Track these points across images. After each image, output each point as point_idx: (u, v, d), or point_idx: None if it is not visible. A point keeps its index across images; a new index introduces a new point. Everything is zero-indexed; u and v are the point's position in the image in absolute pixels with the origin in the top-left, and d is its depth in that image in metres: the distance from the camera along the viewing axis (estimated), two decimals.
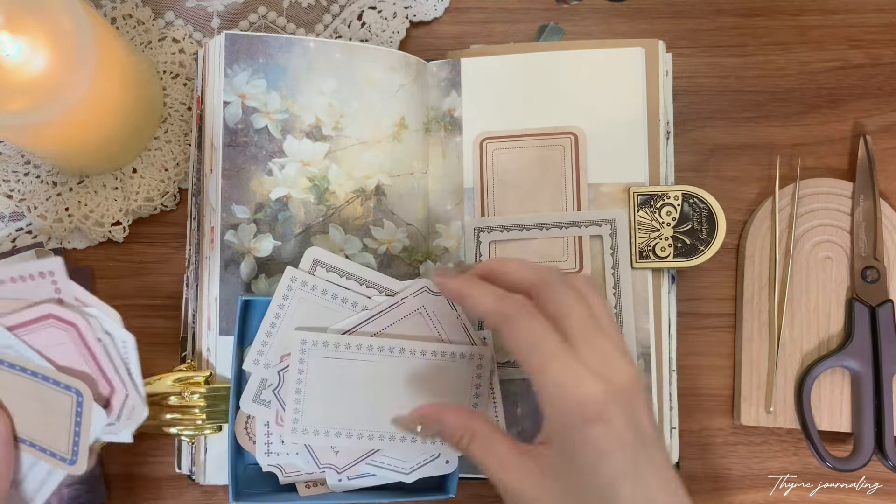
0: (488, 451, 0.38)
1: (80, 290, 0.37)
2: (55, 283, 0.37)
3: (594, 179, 0.50)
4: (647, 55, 0.50)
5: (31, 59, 0.42)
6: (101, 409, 0.38)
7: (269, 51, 0.49)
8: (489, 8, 0.56)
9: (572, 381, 0.34)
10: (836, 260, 0.53)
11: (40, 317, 0.37)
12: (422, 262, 0.50)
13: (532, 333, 0.36)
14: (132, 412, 0.39)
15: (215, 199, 0.48)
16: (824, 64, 0.55)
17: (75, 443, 0.38)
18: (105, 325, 0.38)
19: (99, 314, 0.38)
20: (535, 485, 0.36)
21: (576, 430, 0.34)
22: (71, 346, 0.37)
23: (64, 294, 0.37)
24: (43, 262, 0.36)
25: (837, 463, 0.50)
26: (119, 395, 0.38)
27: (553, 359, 0.35)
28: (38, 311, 0.37)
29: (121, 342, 0.38)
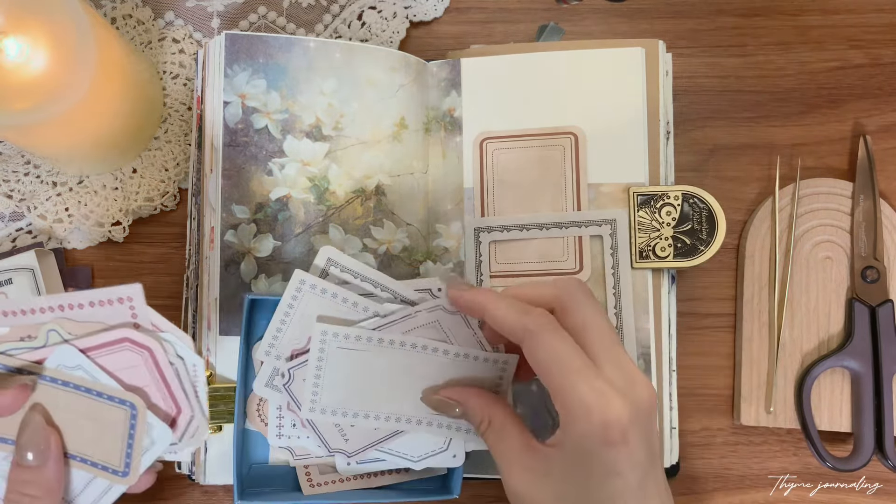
0: (499, 442, 0.39)
1: (156, 316, 0.39)
2: (133, 309, 0.38)
3: (594, 179, 0.50)
4: (647, 55, 0.50)
5: (31, 59, 0.42)
6: (168, 428, 0.40)
7: (269, 51, 0.49)
8: (489, 8, 0.56)
9: (598, 402, 0.34)
10: (836, 260, 0.53)
11: (117, 340, 0.38)
12: (422, 262, 0.50)
13: (555, 350, 0.36)
14: (195, 432, 0.40)
15: (215, 199, 0.48)
16: (824, 64, 0.55)
17: (128, 455, 0.39)
18: (178, 349, 0.39)
19: (173, 339, 0.39)
20: (536, 485, 0.37)
21: (595, 448, 0.35)
22: (143, 368, 0.39)
23: (140, 319, 0.38)
24: (123, 288, 0.37)
25: (837, 463, 0.50)
26: (185, 415, 0.40)
27: (578, 377, 0.35)
28: (116, 335, 0.38)
29: (191, 366, 0.40)
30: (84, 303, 0.38)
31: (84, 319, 0.38)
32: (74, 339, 0.38)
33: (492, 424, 0.39)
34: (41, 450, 0.38)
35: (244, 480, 0.47)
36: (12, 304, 0.38)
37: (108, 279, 0.54)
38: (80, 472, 0.40)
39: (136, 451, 0.39)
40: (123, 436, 0.39)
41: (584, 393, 0.35)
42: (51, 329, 0.38)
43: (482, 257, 0.50)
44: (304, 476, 0.48)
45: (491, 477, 0.49)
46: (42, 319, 0.38)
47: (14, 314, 0.38)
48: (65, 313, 0.38)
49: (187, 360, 0.39)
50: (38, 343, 0.38)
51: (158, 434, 0.40)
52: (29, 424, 0.38)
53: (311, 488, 0.47)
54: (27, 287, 0.50)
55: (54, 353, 0.38)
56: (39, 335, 0.38)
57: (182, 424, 0.40)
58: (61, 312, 0.38)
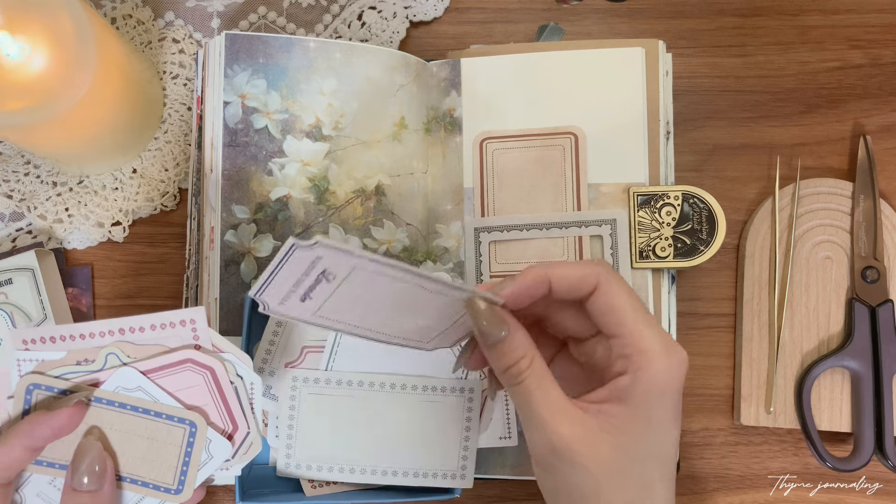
0: (540, 388, 0.35)
1: (217, 337, 0.39)
2: (195, 331, 0.39)
3: (594, 179, 0.50)
4: (647, 55, 0.50)
5: (31, 59, 0.42)
6: (227, 441, 0.40)
7: (269, 51, 0.49)
8: (489, 8, 0.56)
9: (671, 349, 0.35)
10: (836, 260, 0.53)
11: (180, 361, 0.39)
12: (422, 262, 0.50)
13: (628, 294, 0.36)
14: (249, 448, 0.41)
15: (215, 199, 0.48)
16: (824, 64, 0.55)
17: (183, 472, 0.40)
18: (238, 368, 0.40)
19: (233, 359, 0.39)
20: (592, 440, 0.35)
21: (665, 397, 0.35)
22: (203, 387, 0.39)
23: (202, 340, 0.39)
24: (186, 312, 0.38)
25: (837, 463, 0.50)
26: (241, 432, 0.40)
27: (651, 324, 0.36)
28: (179, 357, 0.39)
29: (249, 384, 0.40)
30: (146, 326, 0.38)
31: (144, 342, 0.39)
32: (134, 362, 0.39)
33: (534, 366, 0.36)
34: (97, 474, 0.38)
35: (246, 481, 0.47)
36: (71, 329, 0.38)
37: (108, 279, 0.54)
38: (130, 493, 0.40)
39: (191, 469, 0.40)
40: (180, 454, 0.39)
41: (660, 338, 0.35)
42: (110, 352, 0.38)
43: (482, 257, 0.50)
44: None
45: (491, 477, 0.49)
46: (100, 343, 0.38)
47: (73, 338, 0.38)
48: (125, 336, 0.38)
49: (246, 378, 0.40)
50: (96, 367, 0.39)
51: (217, 448, 0.40)
52: (86, 449, 0.38)
53: (313, 489, 0.47)
54: (27, 287, 0.50)
55: (114, 375, 0.38)
56: (98, 359, 0.39)
57: (238, 440, 0.41)
58: (121, 336, 0.38)
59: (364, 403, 0.46)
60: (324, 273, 0.32)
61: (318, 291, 0.33)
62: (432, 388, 0.46)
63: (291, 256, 0.31)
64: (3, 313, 0.50)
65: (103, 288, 0.54)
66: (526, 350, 0.36)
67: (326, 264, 0.31)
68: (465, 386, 0.46)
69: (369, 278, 0.32)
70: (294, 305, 0.33)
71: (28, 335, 0.38)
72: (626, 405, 0.35)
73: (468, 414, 0.46)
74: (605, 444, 0.35)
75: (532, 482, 0.53)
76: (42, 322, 0.50)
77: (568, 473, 0.35)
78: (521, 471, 0.49)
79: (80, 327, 0.38)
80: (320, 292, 0.33)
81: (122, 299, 0.54)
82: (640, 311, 0.36)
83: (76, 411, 0.38)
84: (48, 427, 0.37)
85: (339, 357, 0.46)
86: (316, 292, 0.33)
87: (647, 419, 0.35)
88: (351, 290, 0.33)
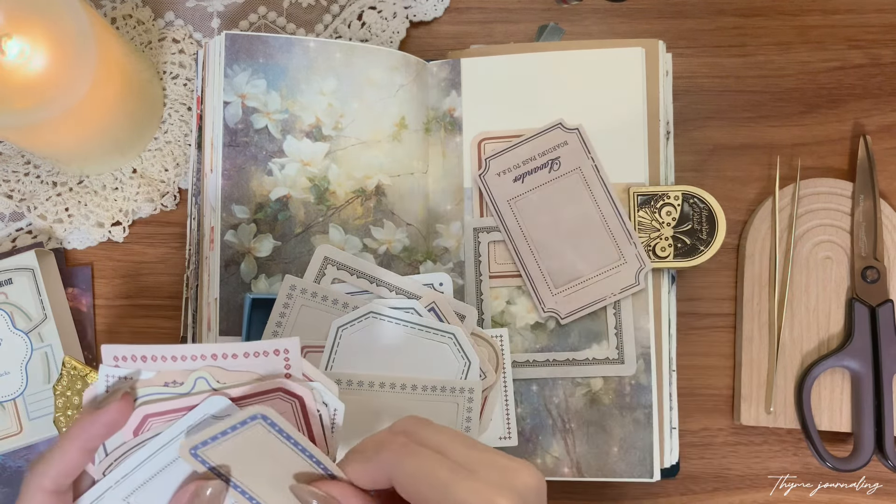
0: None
1: (308, 366, 0.39)
2: (287, 360, 0.38)
3: None
4: (647, 55, 0.50)
5: (31, 59, 0.42)
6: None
7: (269, 51, 0.49)
8: (489, 8, 0.56)
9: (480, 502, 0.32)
10: (836, 260, 0.53)
11: (271, 390, 0.38)
12: (422, 262, 0.50)
13: (422, 465, 0.33)
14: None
15: (215, 199, 0.48)
16: (824, 64, 0.55)
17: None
18: (324, 396, 0.39)
19: (320, 387, 0.39)
20: None
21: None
22: (290, 415, 0.39)
23: (293, 370, 0.39)
24: (281, 342, 0.38)
25: (837, 463, 0.50)
26: None
27: (453, 485, 0.32)
28: (270, 385, 0.38)
29: (332, 410, 0.40)
30: (238, 353, 0.38)
31: (235, 369, 0.38)
32: (225, 388, 0.38)
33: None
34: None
35: None
36: (163, 350, 0.37)
37: (108, 279, 0.54)
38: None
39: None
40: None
41: (464, 498, 0.31)
42: (199, 376, 0.38)
43: (481, 257, 0.50)
44: None
45: None
46: (191, 367, 0.38)
47: (164, 359, 0.38)
48: (217, 362, 0.38)
49: (330, 405, 0.39)
50: (185, 389, 0.38)
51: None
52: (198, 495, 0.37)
53: None
54: (27, 287, 0.50)
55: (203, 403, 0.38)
56: (187, 381, 0.38)
57: None
58: (213, 361, 0.38)
59: (364, 403, 0.46)
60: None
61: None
62: (432, 388, 0.46)
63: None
64: (3, 313, 0.50)
65: (103, 288, 0.54)
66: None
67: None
68: (464, 386, 0.46)
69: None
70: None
71: (119, 352, 0.37)
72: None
73: (468, 414, 0.46)
74: None
75: None
76: (42, 322, 0.50)
77: None
78: None
79: (172, 349, 0.37)
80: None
81: (122, 299, 0.54)
82: (443, 469, 0.32)
83: (124, 404, 0.37)
84: (101, 424, 0.36)
85: (339, 357, 0.46)
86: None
87: None
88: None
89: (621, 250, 0.49)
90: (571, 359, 0.49)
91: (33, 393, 0.50)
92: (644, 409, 0.48)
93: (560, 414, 0.49)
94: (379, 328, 0.46)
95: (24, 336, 0.50)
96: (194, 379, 0.38)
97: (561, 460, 0.49)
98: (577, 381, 0.49)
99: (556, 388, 0.49)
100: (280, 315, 0.46)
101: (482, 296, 0.50)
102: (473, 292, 0.50)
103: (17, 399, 0.50)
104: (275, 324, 0.46)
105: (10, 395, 0.50)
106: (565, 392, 0.49)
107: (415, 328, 0.46)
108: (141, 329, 0.54)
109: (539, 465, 0.49)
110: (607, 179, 0.49)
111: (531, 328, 0.49)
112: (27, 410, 0.50)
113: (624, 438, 0.48)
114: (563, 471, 0.49)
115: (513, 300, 0.50)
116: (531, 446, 0.49)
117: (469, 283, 0.50)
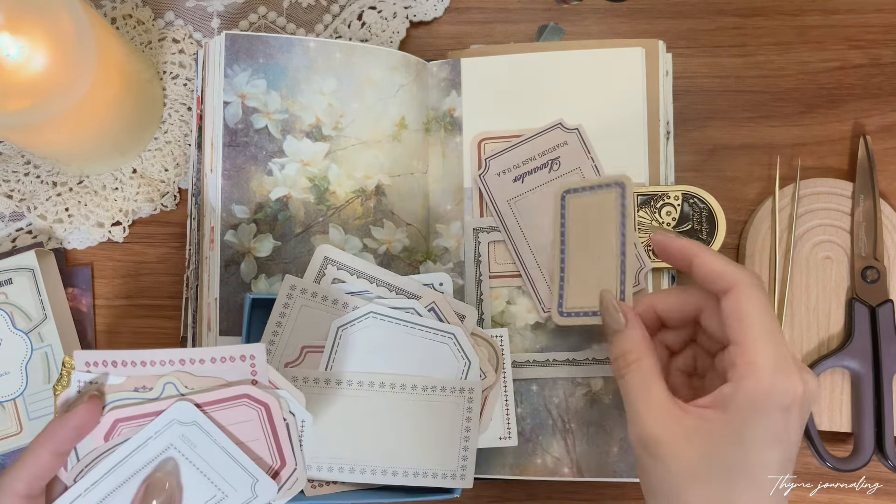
0: (643, 382, 0.38)
1: (274, 373, 0.40)
2: (253, 366, 0.39)
3: None
4: (647, 55, 0.50)
5: (31, 59, 0.42)
6: (272, 482, 0.40)
7: (269, 51, 0.49)
8: (489, 8, 0.56)
9: (782, 368, 0.35)
10: (836, 260, 0.53)
11: (236, 396, 0.39)
12: (422, 262, 0.50)
13: (762, 305, 0.36)
14: (294, 484, 0.41)
15: (215, 199, 0.48)
16: (824, 64, 0.55)
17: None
18: (291, 405, 0.40)
19: (287, 395, 0.40)
20: (682, 439, 0.36)
21: (767, 408, 0.35)
22: (256, 423, 0.40)
23: (259, 377, 0.39)
24: (247, 347, 0.39)
25: (837, 463, 0.50)
26: (289, 468, 0.41)
27: (772, 338, 0.36)
28: (236, 391, 0.39)
29: (300, 421, 0.41)
30: (206, 358, 0.39)
31: (202, 374, 0.39)
32: (192, 394, 0.39)
33: (641, 362, 0.39)
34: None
35: None
36: (133, 355, 0.38)
37: (108, 279, 0.54)
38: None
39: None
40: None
41: (774, 354, 0.35)
42: (168, 381, 0.39)
43: (481, 257, 0.50)
44: None
45: (491, 477, 0.49)
46: (160, 371, 0.39)
47: (133, 364, 0.39)
48: (185, 367, 0.39)
49: (298, 415, 0.40)
50: (153, 395, 0.39)
51: (262, 488, 0.40)
52: (157, 486, 0.38)
53: (313, 489, 0.47)
54: (27, 287, 0.50)
55: (170, 409, 0.39)
56: (156, 387, 0.39)
57: (284, 476, 0.41)
58: (181, 366, 0.39)
59: (364, 403, 0.46)
60: None
61: None
62: (432, 388, 0.46)
63: None
64: (3, 313, 0.50)
65: (103, 288, 0.54)
66: (634, 346, 0.39)
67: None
68: (465, 386, 0.46)
69: None
70: None
71: (91, 358, 0.38)
72: (724, 413, 0.36)
73: (468, 414, 0.46)
74: (693, 448, 0.36)
75: (532, 482, 0.53)
76: (42, 322, 0.50)
77: (652, 467, 0.37)
78: (520, 471, 0.49)
79: (141, 354, 0.38)
80: None
81: (122, 299, 0.54)
82: (766, 325, 0.36)
83: (92, 407, 0.38)
84: (70, 428, 0.37)
85: (339, 357, 0.46)
86: None
87: (741, 432, 0.35)
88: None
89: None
90: (571, 359, 0.49)
91: (33, 393, 0.50)
92: None
93: (560, 414, 0.49)
94: (379, 328, 0.46)
95: (24, 336, 0.50)
96: (163, 384, 0.39)
97: (561, 460, 0.49)
98: (577, 381, 0.49)
99: (556, 388, 0.49)
100: (280, 315, 0.46)
101: (482, 296, 0.50)
102: (473, 292, 0.50)
103: (17, 399, 0.50)
104: (275, 324, 0.46)
105: (10, 395, 0.50)
106: (565, 392, 0.49)
107: (415, 328, 0.46)
108: (141, 329, 0.54)
109: (539, 465, 0.49)
110: None
111: (531, 328, 0.49)
112: (27, 410, 0.50)
113: (624, 438, 0.48)
114: (563, 471, 0.49)
115: (513, 300, 0.50)
116: (531, 446, 0.49)
117: (469, 283, 0.50)
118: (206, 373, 0.39)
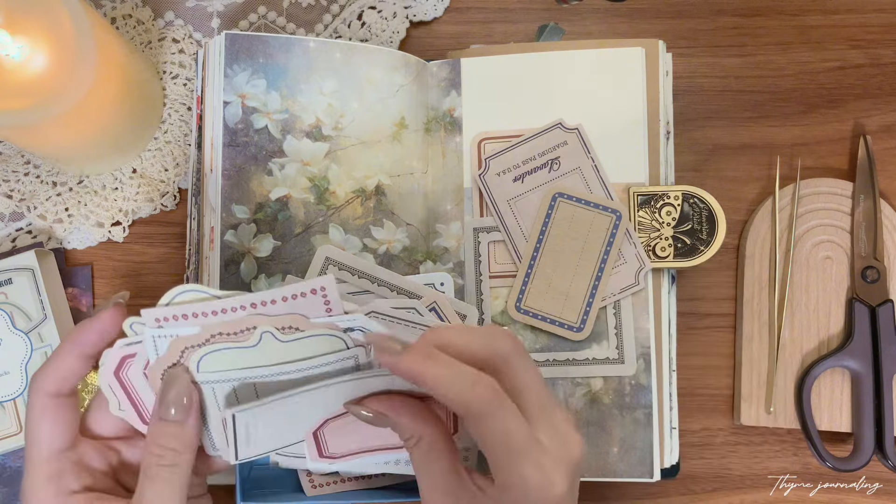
0: (426, 463, 0.37)
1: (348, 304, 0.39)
2: (326, 298, 0.38)
3: None
4: (647, 55, 0.50)
5: (31, 59, 0.42)
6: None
7: (269, 51, 0.49)
8: (489, 8, 0.56)
9: (540, 482, 0.34)
10: (836, 260, 0.53)
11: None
12: (422, 262, 0.50)
13: (501, 430, 0.34)
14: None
15: (215, 199, 0.48)
16: (824, 64, 0.55)
17: None
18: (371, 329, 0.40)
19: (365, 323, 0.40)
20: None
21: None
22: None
23: (333, 307, 0.38)
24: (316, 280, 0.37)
25: (837, 463, 0.50)
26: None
27: (521, 456, 0.34)
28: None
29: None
30: (277, 298, 0.37)
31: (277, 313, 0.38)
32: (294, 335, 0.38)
33: (420, 443, 0.37)
34: (184, 406, 0.38)
35: (246, 482, 0.47)
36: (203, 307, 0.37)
37: (108, 279, 0.54)
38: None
39: None
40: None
41: (528, 474, 0.34)
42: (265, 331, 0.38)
43: (481, 258, 0.50)
44: (305, 477, 0.48)
45: None
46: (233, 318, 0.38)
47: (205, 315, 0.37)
48: (257, 310, 0.37)
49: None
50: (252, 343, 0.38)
51: None
52: (174, 381, 0.38)
53: (313, 489, 0.47)
54: (27, 287, 0.50)
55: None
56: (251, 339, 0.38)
57: None
58: (253, 310, 0.37)
59: None
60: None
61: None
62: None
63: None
64: (3, 313, 0.50)
65: (103, 288, 0.54)
66: (412, 432, 0.37)
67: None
68: None
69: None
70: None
71: (160, 314, 0.37)
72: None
73: None
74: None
75: None
76: (42, 322, 0.50)
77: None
78: None
79: (211, 305, 0.37)
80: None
81: None
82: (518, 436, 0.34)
83: (116, 312, 0.38)
84: (93, 331, 0.38)
85: None
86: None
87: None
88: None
89: (621, 250, 0.49)
90: (571, 359, 0.49)
91: None
92: (644, 409, 0.48)
93: None
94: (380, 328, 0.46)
95: (24, 336, 0.50)
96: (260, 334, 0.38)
97: None
98: (577, 381, 0.49)
99: (555, 388, 0.49)
100: None
101: (482, 296, 0.50)
102: (473, 292, 0.50)
103: (17, 399, 0.50)
104: None
105: (10, 395, 0.50)
106: (565, 392, 0.49)
107: (416, 328, 0.46)
108: None
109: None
110: (607, 179, 0.49)
111: (531, 328, 0.49)
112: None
113: (624, 438, 0.48)
114: None
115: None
116: None
117: (469, 283, 0.50)
118: (280, 312, 0.38)
